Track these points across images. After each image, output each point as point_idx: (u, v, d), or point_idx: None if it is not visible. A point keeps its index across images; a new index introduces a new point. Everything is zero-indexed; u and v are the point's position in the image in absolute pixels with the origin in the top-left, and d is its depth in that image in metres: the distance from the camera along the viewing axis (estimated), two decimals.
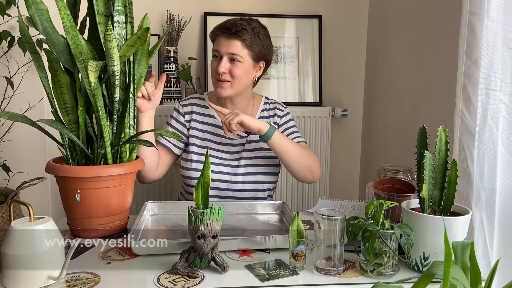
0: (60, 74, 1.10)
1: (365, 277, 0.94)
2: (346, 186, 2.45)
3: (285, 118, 1.57)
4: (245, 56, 1.41)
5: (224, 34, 1.40)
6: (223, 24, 1.43)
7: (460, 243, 0.68)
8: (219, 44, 1.42)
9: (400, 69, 1.96)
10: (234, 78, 1.41)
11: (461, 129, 1.13)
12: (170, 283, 0.89)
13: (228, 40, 1.40)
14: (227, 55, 1.40)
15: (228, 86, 1.42)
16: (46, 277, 0.87)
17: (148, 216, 1.27)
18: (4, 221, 1.42)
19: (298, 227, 0.97)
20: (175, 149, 1.50)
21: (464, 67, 1.12)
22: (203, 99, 1.55)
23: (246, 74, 1.44)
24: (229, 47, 1.40)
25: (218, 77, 1.42)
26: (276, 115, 1.56)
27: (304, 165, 1.43)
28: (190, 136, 1.50)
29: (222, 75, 1.41)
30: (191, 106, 1.53)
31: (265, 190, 1.52)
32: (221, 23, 1.44)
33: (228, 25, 1.41)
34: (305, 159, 1.43)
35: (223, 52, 1.40)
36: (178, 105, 1.55)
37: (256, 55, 1.43)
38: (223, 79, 1.41)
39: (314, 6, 2.28)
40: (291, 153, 1.40)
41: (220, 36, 1.42)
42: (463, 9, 1.11)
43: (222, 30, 1.41)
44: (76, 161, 1.16)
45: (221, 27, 1.42)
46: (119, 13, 1.12)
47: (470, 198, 1.11)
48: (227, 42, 1.40)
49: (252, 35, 1.41)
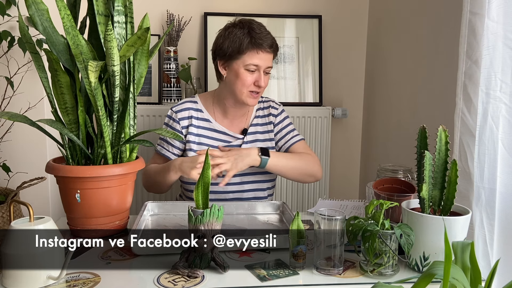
0: (60, 74, 1.10)
1: (365, 277, 0.94)
2: (346, 186, 2.45)
3: (280, 116, 1.56)
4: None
5: (266, 50, 1.40)
6: (261, 38, 1.39)
7: (460, 243, 0.68)
8: (261, 59, 1.40)
9: (400, 69, 1.96)
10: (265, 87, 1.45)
11: (461, 129, 1.13)
12: (170, 283, 0.89)
13: (269, 56, 1.42)
14: (265, 69, 1.42)
15: (259, 95, 1.46)
16: (46, 277, 0.87)
17: (148, 216, 1.27)
18: (4, 221, 1.43)
19: (298, 227, 0.97)
20: (174, 157, 1.49)
21: (465, 67, 1.12)
22: (195, 102, 1.52)
23: None
24: (269, 61, 1.42)
25: (255, 90, 1.42)
26: (271, 114, 1.55)
27: (303, 174, 1.47)
28: (187, 142, 1.48)
29: (262, 88, 1.43)
30: (187, 111, 1.49)
31: (265, 189, 1.52)
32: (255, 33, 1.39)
33: (269, 40, 1.40)
34: (304, 168, 1.45)
35: (263, 67, 1.41)
36: (171, 111, 1.50)
37: None
38: (260, 91, 1.43)
39: (314, 6, 2.28)
40: (289, 169, 1.44)
41: (261, 51, 1.39)
42: (464, 9, 1.11)
43: (264, 46, 1.39)
44: (76, 161, 1.16)
45: (260, 40, 1.39)
46: (119, 13, 1.12)
47: (470, 198, 1.11)
48: (267, 57, 1.41)
49: (277, 45, 1.45)
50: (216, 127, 1.50)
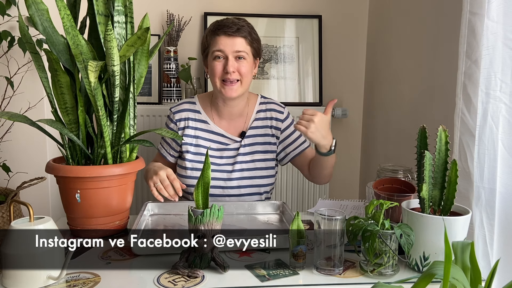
0: (60, 74, 1.10)
1: (365, 277, 0.94)
2: (346, 186, 2.45)
3: (287, 122, 1.50)
4: (248, 53, 1.40)
5: (226, 34, 1.37)
6: (221, 24, 1.39)
7: (460, 243, 0.68)
8: (222, 44, 1.38)
9: (400, 69, 1.96)
10: (243, 76, 1.39)
11: (461, 129, 1.13)
12: (170, 283, 0.89)
13: (232, 39, 1.37)
14: (233, 53, 1.38)
15: (238, 85, 1.40)
16: (46, 277, 0.87)
17: (148, 216, 1.27)
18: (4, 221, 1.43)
19: (298, 227, 0.97)
20: (170, 158, 1.50)
21: (464, 67, 1.12)
22: (193, 103, 1.51)
23: (251, 71, 1.42)
24: (234, 45, 1.38)
25: (226, 78, 1.38)
26: (274, 119, 1.50)
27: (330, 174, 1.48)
28: (184, 144, 1.46)
29: (232, 74, 1.37)
30: (184, 112, 1.48)
31: (262, 193, 1.49)
32: (216, 23, 1.41)
33: (228, 24, 1.38)
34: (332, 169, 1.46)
35: (229, 52, 1.37)
36: (169, 112, 1.51)
37: (255, 52, 1.43)
38: (232, 79, 1.38)
39: (314, 6, 2.28)
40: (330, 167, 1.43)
41: (220, 36, 1.38)
42: (464, 9, 1.11)
43: (223, 30, 1.37)
44: (76, 161, 1.16)
45: (220, 27, 1.38)
46: (119, 13, 1.12)
47: (470, 198, 1.11)
48: (231, 41, 1.37)
49: (250, 31, 1.41)
50: (214, 129, 1.48)
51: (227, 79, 1.38)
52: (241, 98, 1.46)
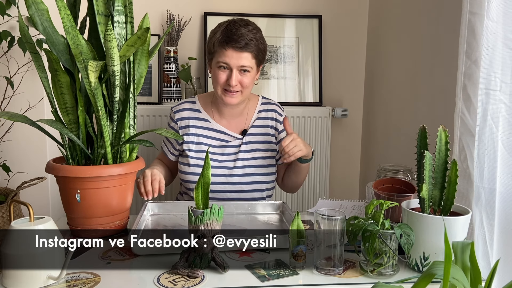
0: (60, 74, 1.10)
1: (365, 277, 0.94)
2: (346, 186, 2.45)
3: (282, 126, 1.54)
4: (253, 66, 1.41)
5: (234, 48, 1.37)
6: (229, 36, 1.37)
7: (460, 243, 0.68)
8: (228, 57, 1.37)
9: (400, 69, 1.96)
10: (244, 87, 1.41)
11: (461, 129, 1.13)
12: (170, 283, 0.89)
13: (238, 53, 1.37)
14: (238, 67, 1.38)
15: (238, 94, 1.42)
16: (46, 277, 0.87)
17: (148, 216, 1.27)
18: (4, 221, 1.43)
19: (298, 227, 0.97)
20: (171, 156, 1.52)
21: (464, 67, 1.12)
22: (194, 102, 1.52)
23: (253, 81, 1.45)
24: (240, 60, 1.38)
25: (228, 88, 1.40)
26: (275, 119, 1.53)
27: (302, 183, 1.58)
28: (185, 142, 1.47)
29: (234, 87, 1.40)
30: (185, 111, 1.50)
31: (264, 190, 1.51)
32: (225, 32, 1.38)
33: (236, 37, 1.36)
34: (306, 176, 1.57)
35: (234, 65, 1.38)
36: (170, 111, 1.53)
37: (260, 62, 1.44)
38: (234, 90, 1.40)
39: (314, 6, 2.28)
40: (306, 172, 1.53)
41: (228, 50, 1.37)
42: (463, 9, 1.11)
43: (231, 44, 1.36)
44: (76, 161, 1.16)
45: (228, 40, 1.37)
46: (119, 13, 1.12)
47: (470, 198, 1.11)
48: (237, 55, 1.37)
49: (257, 44, 1.40)
50: (215, 126, 1.49)
51: (228, 89, 1.41)
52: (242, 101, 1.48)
